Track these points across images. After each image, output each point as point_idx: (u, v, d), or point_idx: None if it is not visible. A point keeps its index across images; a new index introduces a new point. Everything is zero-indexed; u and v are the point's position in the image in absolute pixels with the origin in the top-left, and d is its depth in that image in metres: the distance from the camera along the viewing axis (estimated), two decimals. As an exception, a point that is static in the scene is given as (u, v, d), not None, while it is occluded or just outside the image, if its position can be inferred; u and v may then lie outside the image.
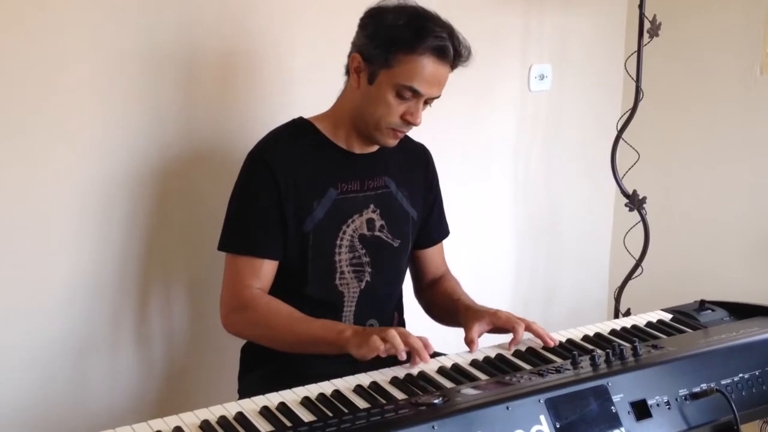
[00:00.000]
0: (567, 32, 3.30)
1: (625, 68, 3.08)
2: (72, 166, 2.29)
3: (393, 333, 1.82)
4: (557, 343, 1.98)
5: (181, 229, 2.49)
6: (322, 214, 2.10)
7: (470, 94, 3.08)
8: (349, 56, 2.10)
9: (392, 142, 2.12)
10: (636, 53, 3.00)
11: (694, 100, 3.37)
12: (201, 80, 2.44)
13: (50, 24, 2.19)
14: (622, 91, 3.47)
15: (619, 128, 3.09)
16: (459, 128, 3.06)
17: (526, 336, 2.01)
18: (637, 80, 3.01)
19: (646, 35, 2.99)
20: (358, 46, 2.07)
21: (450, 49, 1.99)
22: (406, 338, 1.82)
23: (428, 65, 1.99)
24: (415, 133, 2.35)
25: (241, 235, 2.10)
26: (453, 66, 2.05)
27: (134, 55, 2.32)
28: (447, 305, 2.24)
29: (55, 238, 2.30)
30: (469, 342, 1.98)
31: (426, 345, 1.84)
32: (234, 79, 2.51)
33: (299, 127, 2.18)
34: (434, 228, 2.36)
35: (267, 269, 2.09)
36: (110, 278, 2.40)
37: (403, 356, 1.82)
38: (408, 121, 2.05)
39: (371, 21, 2.06)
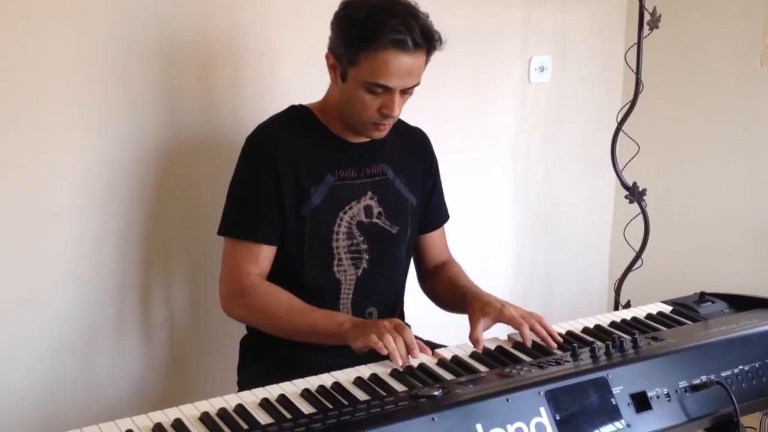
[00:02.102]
0: (567, 24, 3.30)
1: (625, 60, 3.08)
2: (69, 160, 2.29)
3: (388, 338, 1.83)
4: (560, 342, 1.95)
5: (179, 219, 2.49)
6: (319, 200, 2.10)
7: (470, 86, 3.08)
8: (326, 53, 2.09)
9: (378, 135, 2.11)
10: (636, 45, 2.99)
11: (695, 93, 3.37)
12: (190, 69, 2.44)
13: (44, 23, 2.19)
14: (622, 83, 3.47)
15: (619, 120, 3.08)
16: (458, 120, 3.06)
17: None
18: (637, 72, 3.01)
19: (646, 27, 2.99)
20: (329, 44, 2.07)
21: (408, 40, 1.94)
22: (396, 339, 1.83)
23: (391, 59, 1.95)
24: (414, 124, 2.36)
25: (240, 220, 2.11)
26: (428, 52, 2.01)
27: (124, 49, 2.32)
28: (452, 291, 2.23)
29: (56, 232, 2.31)
30: (474, 341, 1.96)
31: (411, 350, 1.84)
32: (222, 67, 2.50)
33: (298, 113, 2.19)
34: (434, 213, 2.35)
35: (265, 255, 2.10)
36: (111, 271, 2.40)
37: (399, 362, 1.82)
38: (385, 114, 2.03)
39: (338, 18, 2.04)
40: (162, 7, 2.36)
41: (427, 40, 1.98)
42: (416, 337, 2.02)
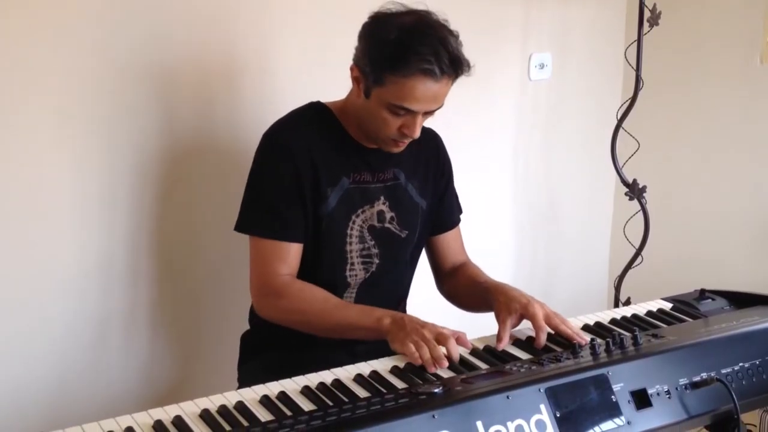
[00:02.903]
0: (567, 21, 3.30)
1: (625, 57, 3.08)
2: (71, 159, 2.30)
3: (425, 350, 1.80)
4: (587, 341, 1.89)
5: (181, 218, 2.49)
6: (335, 202, 2.09)
7: (470, 83, 3.04)
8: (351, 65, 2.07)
9: (395, 150, 2.09)
10: (636, 42, 2.99)
11: (695, 90, 3.37)
12: (188, 72, 2.44)
13: (45, 26, 2.20)
14: (622, 80, 3.47)
15: (619, 117, 3.08)
16: (459, 117, 3.05)
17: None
18: (637, 69, 3.01)
19: (646, 24, 2.99)
20: (356, 58, 2.04)
21: (437, 70, 1.92)
22: (434, 350, 1.80)
23: (418, 86, 1.93)
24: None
25: (265, 217, 2.08)
26: (455, 77, 1.99)
27: (124, 52, 2.32)
28: (473, 291, 2.20)
29: (64, 229, 2.31)
30: (498, 339, 1.94)
31: (452, 359, 1.81)
32: (221, 71, 2.50)
33: (317, 112, 2.16)
34: (447, 214, 2.33)
35: (294, 252, 2.08)
36: (111, 271, 2.40)
37: (432, 370, 1.79)
38: (405, 134, 2.02)
39: (366, 32, 2.01)
40: (162, 12, 2.36)
41: (455, 68, 1.96)
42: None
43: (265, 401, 1.62)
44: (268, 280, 2.06)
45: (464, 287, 2.26)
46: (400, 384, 1.71)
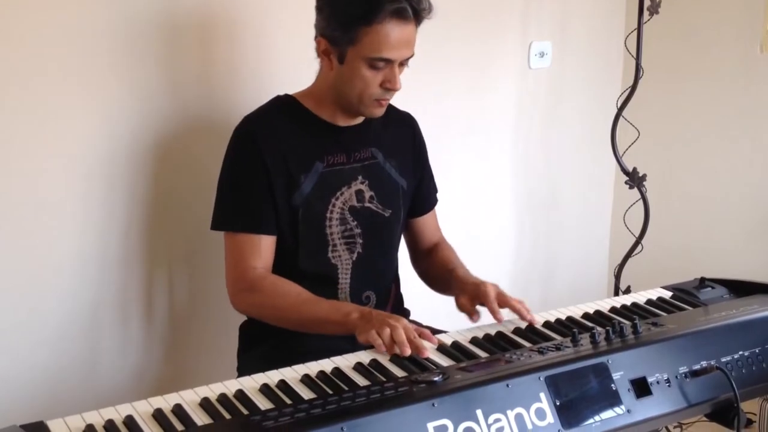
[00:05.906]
0: (567, 10, 3.29)
1: (625, 46, 3.07)
2: (68, 145, 2.28)
3: (387, 333, 1.81)
4: (536, 321, 1.99)
5: (180, 205, 2.48)
6: (310, 188, 2.11)
7: (470, 72, 3.07)
8: (315, 40, 2.10)
9: (379, 112, 2.12)
10: (636, 31, 2.99)
11: (695, 78, 3.36)
12: (188, 54, 2.43)
13: (38, 9, 2.18)
14: (622, 68, 3.46)
15: (619, 106, 3.08)
16: (458, 105, 3.05)
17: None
18: (637, 58, 3.00)
19: (646, 13, 2.98)
20: (320, 30, 2.07)
21: (408, 9, 1.97)
22: (407, 335, 1.80)
23: (391, 31, 1.97)
24: (415, 111, 2.35)
25: (236, 212, 2.10)
26: (418, 22, 2.03)
27: (121, 32, 2.30)
28: (442, 275, 2.26)
29: (60, 218, 2.30)
30: (470, 315, 2.02)
31: (424, 341, 1.82)
32: (222, 52, 2.49)
33: (283, 103, 2.19)
34: (426, 196, 2.36)
35: (267, 245, 2.10)
36: (111, 258, 2.40)
37: (391, 351, 1.80)
38: (388, 88, 2.04)
39: (324, 2, 2.06)
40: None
41: (422, 5, 2.01)
42: (415, 322, 2.02)
43: (265, 390, 1.62)
44: (242, 274, 2.08)
45: (435, 271, 2.32)
46: (399, 372, 1.71)
